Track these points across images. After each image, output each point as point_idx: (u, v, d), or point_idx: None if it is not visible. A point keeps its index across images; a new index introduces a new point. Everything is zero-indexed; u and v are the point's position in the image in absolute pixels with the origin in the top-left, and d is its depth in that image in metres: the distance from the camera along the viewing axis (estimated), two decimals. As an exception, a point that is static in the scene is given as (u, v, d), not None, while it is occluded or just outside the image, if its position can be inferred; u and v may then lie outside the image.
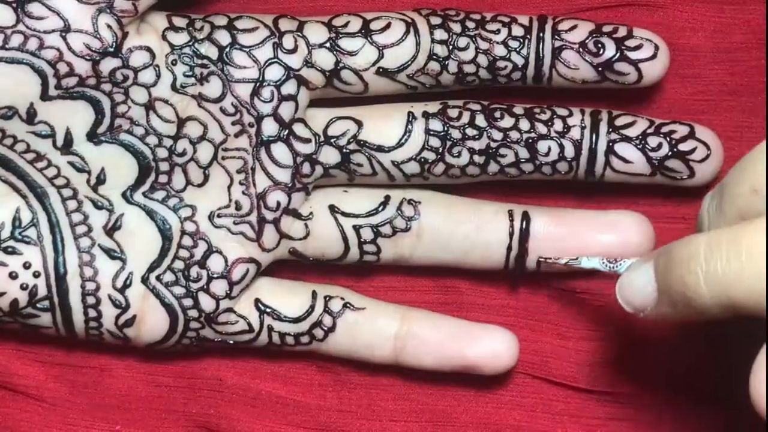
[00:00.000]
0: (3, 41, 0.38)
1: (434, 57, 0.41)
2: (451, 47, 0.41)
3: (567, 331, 0.44)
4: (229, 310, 0.42)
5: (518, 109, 0.41)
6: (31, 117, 0.39)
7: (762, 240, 0.31)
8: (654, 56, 0.40)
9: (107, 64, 0.39)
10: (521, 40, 0.41)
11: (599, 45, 0.40)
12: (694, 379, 0.43)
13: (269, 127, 0.41)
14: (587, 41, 0.41)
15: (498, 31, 0.41)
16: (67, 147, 0.40)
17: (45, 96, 0.39)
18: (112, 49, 0.39)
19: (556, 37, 0.41)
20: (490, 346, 0.42)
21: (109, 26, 0.39)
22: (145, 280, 0.41)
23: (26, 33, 0.38)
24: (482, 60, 0.41)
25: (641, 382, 0.43)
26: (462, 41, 0.41)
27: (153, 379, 0.45)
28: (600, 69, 0.41)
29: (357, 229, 0.42)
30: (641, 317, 0.36)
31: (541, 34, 0.41)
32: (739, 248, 0.31)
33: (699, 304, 0.33)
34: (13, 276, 0.40)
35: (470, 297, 0.44)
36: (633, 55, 0.40)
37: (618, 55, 0.40)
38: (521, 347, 0.43)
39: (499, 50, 0.41)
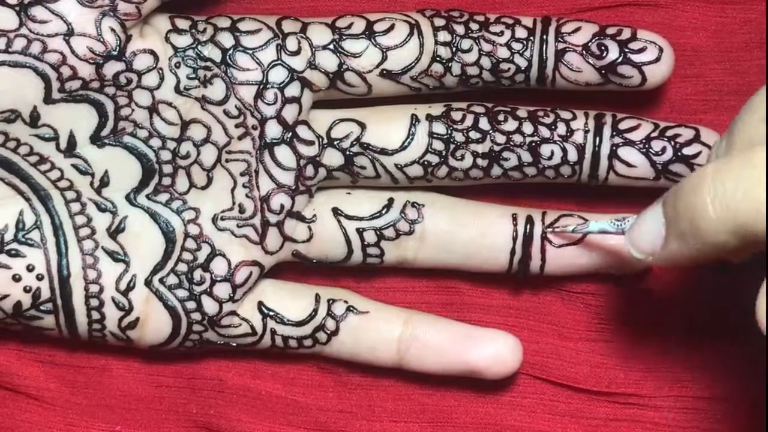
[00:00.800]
0: (6, 45, 0.38)
1: (438, 59, 0.41)
2: (454, 49, 0.41)
3: (568, 331, 0.44)
4: (232, 313, 0.42)
5: (522, 112, 0.42)
6: (34, 120, 0.39)
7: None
8: (658, 59, 0.41)
9: (111, 68, 0.39)
10: (524, 42, 0.41)
11: (602, 48, 0.41)
12: (696, 379, 0.44)
13: (273, 130, 0.41)
14: (590, 44, 0.41)
15: (501, 33, 0.41)
16: (70, 150, 0.40)
17: (48, 99, 0.39)
18: (115, 53, 0.39)
19: (560, 39, 0.41)
20: (493, 350, 0.42)
21: (112, 30, 0.39)
22: (148, 283, 0.41)
23: (29, 37, 0.38)
24: (485, 62, 0.41)
25: (642, 383, 0.44)
26: (465, 43, 0.41)
27: (153, 380, 0.45)
28: (603, 72, 0.41)
29: (360, 231, 0.42)
30: (650, 262, 0.36)
31: (544, 36, 0.41)
32: (748, 169, 0.31)
33: (708, 231, 0.32)
34: (16, 278, 0.41)
35: (471, 298, 0.44)
36: (636, 58, 0.41)
37: (621, 57, 0.41)
38: (522, 348, 0.43)
39: (503, 52, 0.41)
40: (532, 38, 0.41)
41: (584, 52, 0.41)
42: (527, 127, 0.41)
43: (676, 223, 0.34)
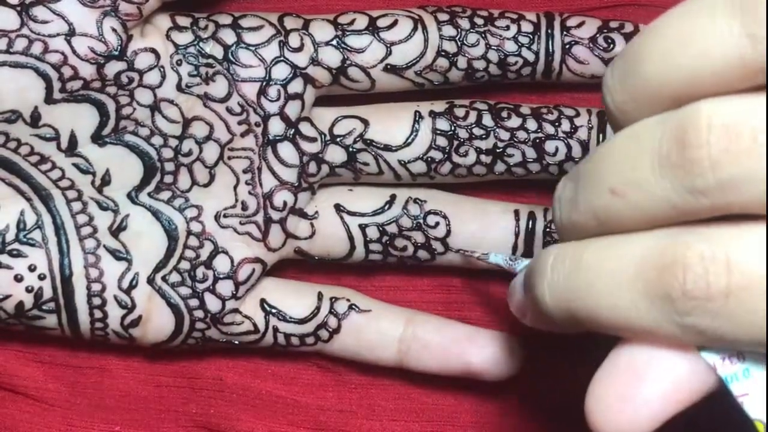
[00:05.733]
0: (7, 45, 0.39)
1: (443, 53, 0.43)
2: (460, 43, 0.43)
3: (570, 329, 0.45)
4: (235, 310, 0.44)
5: (525, 109, 0.44)
6: (35, 120, 0.41)
7: (597, 258, 0.31)
8: None
9: (112, 67, 0.41)
10: (531, 36, 0.43)
11: (609, 40, 0.43)
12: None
13: (276, 127, 0.42)
14: (597, 36, 0.43)
15: (507, 27, 0.43)
16: (71, 149, 0.42)
17: (49, 99, 0.40)
18: (116, 53, 0.40)
19: (566, 33, 0.43)
20: (493, 352, 0.44)
21: (113, 30, 0.40)
22: (150, 281, 0.43)
23: (31, 37, 0.39)
24: (492, 56, 0.43)
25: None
26: (471, 37, 0.43)
27: (153, 379, 0.47)
28: None
29: (363, 228, 0.44)
30: (526, 323, 0.37)
31: (549, 31, 0.43)
32: (579, 263, 0.31)
33: (550, 316, 0.33)
34: (18, 279, 0.42)
35: (472, 296, 0.46)
36: None
37: None
38: (522, 349, 0.44)
39: (510, 46, 0.43)
40: (538, 32, 0.43)
41: (591, 44, 0.43)
42: (531, 124, 0.43)
43: (531, 302, 0.34)
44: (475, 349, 0.44)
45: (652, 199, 0.29)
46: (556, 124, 0.43)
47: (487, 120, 0.43)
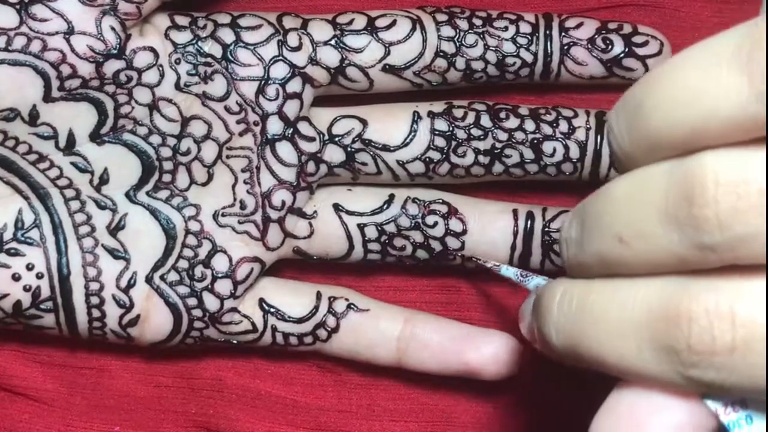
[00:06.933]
0: (6, 43, 0.39)
1: (441, 54, 0.43)
2: (458, 44, 0.43)
3: (570, 329, 0.45)
4: (234, 309, 0.44)
5: (523, 110, 0.44)
6: (33, 119, 0.41)
7: (602, 302, 0.31)
8: (660, 52, 0.43)
9: (111, 66, 0.41)
10: (529, 37, 0.43)
11: (607, 41, 0.43)
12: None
13: (274, 126, 0.42)
14: (596, 38, 0.43)
15: (506, 29, 0.43)
16: (69, 148, 0.42)
17: (48, 98, 0.40)
18: (115, 51, 0.41)
19: (564, 34, 0.43)
20: (491, 351, 0.44)
21: (112, 28, 0.40)
22: (149, 280, 0.43)
23: (29, 35, 0.40)
24: (491, 57, 0.43)
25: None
26: (470, 38, 0.43)
27: (152, 380, 0.47)
28: (609, 65, 0.43)
29: (361, 227, 0.44)
30: (536, 347, 0.36)
31: (548, 32, 0.43)
32: (584, 305, 0.31)
33: (556, 354, 0.33)
34: (16, 278, 0.42)
35: (471, 296, 0.46)
36: (640, 51, 0.43)
37: (626, 51, 0.43)
38: (521, 346, 0.44)
39: (508, 47, 0.43)
40: (537, 33, 0.43)
41: (590, 46, 0.43)
42: (529, 125, 0.43)
43: (539, 332, 0.34)
44: (473, 348, 0.44)
45: (659, 251, 0.29)
46: (554, 124, 0.43)
47: (486, 121, 0.43)
